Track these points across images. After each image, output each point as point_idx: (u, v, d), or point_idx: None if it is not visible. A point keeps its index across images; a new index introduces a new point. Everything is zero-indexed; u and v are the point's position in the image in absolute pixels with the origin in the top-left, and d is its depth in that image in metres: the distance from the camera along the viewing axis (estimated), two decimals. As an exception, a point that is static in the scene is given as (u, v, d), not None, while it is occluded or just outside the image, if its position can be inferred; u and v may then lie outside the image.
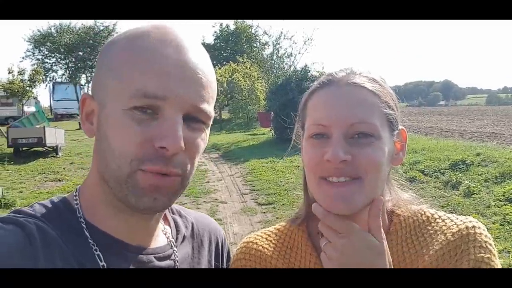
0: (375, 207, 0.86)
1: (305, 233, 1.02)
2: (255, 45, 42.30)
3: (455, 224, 0.93)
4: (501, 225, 6.22)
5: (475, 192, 7.65)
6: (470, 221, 0.93)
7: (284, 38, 29.89)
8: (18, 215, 0.74)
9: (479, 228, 0.91)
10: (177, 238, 0.92)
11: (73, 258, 0.72)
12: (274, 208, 7.82)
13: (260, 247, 1.03)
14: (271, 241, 1.05)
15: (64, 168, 13.08)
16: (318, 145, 0.87)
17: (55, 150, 15.51)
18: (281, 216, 6.92)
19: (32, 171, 12.62)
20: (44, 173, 12.35)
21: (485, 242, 0.89)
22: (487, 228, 0.92)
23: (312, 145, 0.88)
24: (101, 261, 0.76)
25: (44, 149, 15.44)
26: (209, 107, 0.77)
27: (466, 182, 8.14)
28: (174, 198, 0.78)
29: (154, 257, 0.84)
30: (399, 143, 0.94)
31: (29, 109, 31.29)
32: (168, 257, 0.87)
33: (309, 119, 0.90)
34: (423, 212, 0.98)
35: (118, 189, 0.75)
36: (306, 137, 0.91)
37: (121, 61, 0.74)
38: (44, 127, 15.69)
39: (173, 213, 0.98)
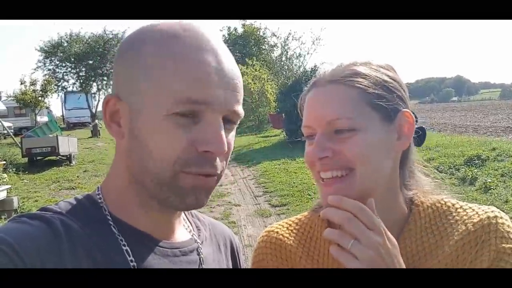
0: (370, 208, 0.82)
1: (325, 223, 1.02)
2: (263, 47, 42.28)
3: (476, 213, 0.91)
4: (520, 220, 6.11)
5: (492, 187, 7.54)
6: (492, 211, 0.91)
7: (292, 39, 29.81)
8: (43, 212, 0.75)
9: (501, 218, 0.89)
10: (199, 237, 0.94)
11: (99, 252, 0.74)
12: (288, 209, 7.80)
13: (281, 236, 1.06)
14: (292, 230, 1.07)
15: (78, 176, 13.20)
16: (309, 145, 0.91)
17: (68, 158, 15.63)
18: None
19: (47, 180, 12.76)
20: (59, 181, 12.48)
21: (508, 232, 0.87)
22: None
23: (307, 146, 0.93)
24: (129, 256, 0.77)
25: (57, 158, 15.52)
26: (241, 109, 0.80)
27: (483, 177, 8.03)
28: (210, 195, 0.82)
29: (180, 251, 0.85)
30: (403, 125, 0.91)
31: (42, 119, 31.67)
32: (192, 251, 0.88)
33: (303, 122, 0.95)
34: (443, 202, 0.97)
35: (158, 191, 0.77)
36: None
37: (157, 66, 0.74)
38: (57, 136, 15.83)
39: (192, 216, 1.00)
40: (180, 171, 0.74)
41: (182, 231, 0.91)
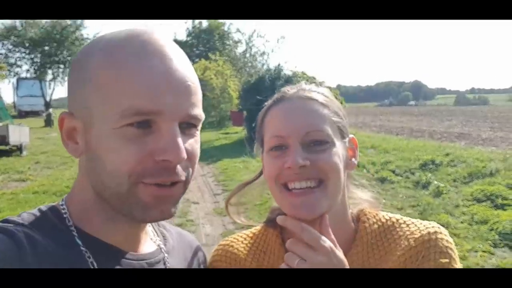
0: (324, 225, 0.89)
1: (279, 238, 1.06)
2: (227, 42, 42.11)
3: (418, 229, 0.96)
4: (469, 224, 6.31)
5: (444, 192, 7.81)
6: (432, 226, 0.97)
7: (257, 36, 29.92)
8: (6, 224, 0.74)
9: (440, 233, 0.95)
10: (166, 246, 0.94)
11: (64, 264, 0.72)
12: (247, 208, 7.73)
13: (236, 250, 1.09)
14: (246, 244, 1.10)
15: (29, 168, 12.61)
16: (278, 156, 0.94)
17: (19, 148, 15.06)
18: (253, 217, 6.85)
19: (-5, 170, 12.14)
20: (8, 172, 11.88)
21: (446, 247, 0.92)
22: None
23: (272, 156, 0.95)
24: (94, 267, 0.76)
25: (7, 148, 14.89)
26: (200, 111, 0.78)
27: (436, 182, 8.30)
28: (178, 205, 0.81)
29: (146, 262, 0.85)
30: (351, 150, 1.02)
31: (-8, 105, 30.32)
32: (159, 262, 0.88)
33: (267, 133, 0.98)
34: (388, 218, 1.02)
35: (120, 205, 0.76)
36: (266, 151, 0.98)
37: (103, 78, 0.72)
38: (7, 124, 15.23)
39: (158, 225, 0.99)
40: (138, 183, 0.73)
41: (148, 241, 0.90)
